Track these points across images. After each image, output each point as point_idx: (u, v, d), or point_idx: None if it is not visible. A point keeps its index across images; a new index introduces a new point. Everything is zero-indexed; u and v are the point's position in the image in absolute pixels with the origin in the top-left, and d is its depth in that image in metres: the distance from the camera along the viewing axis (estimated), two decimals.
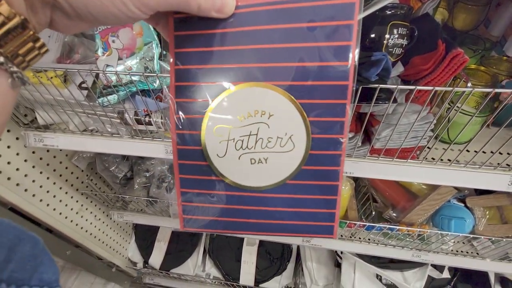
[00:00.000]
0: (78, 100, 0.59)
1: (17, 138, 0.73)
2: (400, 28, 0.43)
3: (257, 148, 0.27)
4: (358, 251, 0.95)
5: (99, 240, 1.10)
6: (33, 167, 0.80)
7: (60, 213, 0.91)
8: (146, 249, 1.30)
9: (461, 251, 0.90)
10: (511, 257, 0.80)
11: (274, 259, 1.24)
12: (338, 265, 1.15)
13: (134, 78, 0.52)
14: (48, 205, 0.86)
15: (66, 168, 0.92)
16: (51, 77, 0.58)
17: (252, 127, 0.26)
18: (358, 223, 0.80)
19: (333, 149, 0.27)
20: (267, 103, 0.26)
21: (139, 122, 0.61)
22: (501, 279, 0.98)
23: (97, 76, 0.54)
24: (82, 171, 0.99)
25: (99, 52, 0.52)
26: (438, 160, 0.54)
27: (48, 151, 0.84)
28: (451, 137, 0.56)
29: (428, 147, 0.59)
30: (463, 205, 0.78)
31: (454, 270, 1.02)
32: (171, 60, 0.26)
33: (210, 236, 1.25)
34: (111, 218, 1.11)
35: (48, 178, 0.85)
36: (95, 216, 1.08)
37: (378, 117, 0.54)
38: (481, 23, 0.75)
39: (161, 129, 0.61)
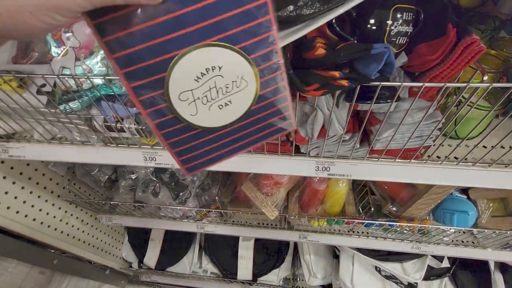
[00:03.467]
0: (37, 107, 0.51)
1: None
2: (405, 13, 0.36)
3: (220, 96, 0.31)
4: (356, 245, 0.92)
5: (88, 244, 1.06)
6: (4, 178, 0.73)
7: (42, 223, 0.85)
8: (140, 248, 1.27)
9: (462, 241, 0.87)
10: None
11: (271, 252, 1.21)
12: (336, 257, 1.13)
13: (96, 81, 0.45)
14: (26, 216, 0.80)
15: (43, 175, 0.85)
16: (3, 82, 0.50)
17: (209, 82, 0.30)
18: (357, 220, 0.76)
19: (275, 70, 0.31)
20: (213, 58, 0.29)
21: (110, 129, 0.54)
22: (501, 264, 0.96)
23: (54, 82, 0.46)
24: (62, 176, 0.92)
25: (53, 52, 0.45)
26: (444, 159, 0.49)
27: (18, 160, 0.77)
28: (459, 132, 0.51)
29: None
30: (465, 197, 0.74)
31: (453, 259, 1.00)
32: (103, 50, 0.27)
33: (204, 233, 1.22)
34: (99, 221, 1.07)
35: (23, 187, 0.79)
36: (82, 220, 1.03)
37: (378, 115, 0.47)
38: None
39: (136, 136, 0.55)
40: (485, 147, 0.52)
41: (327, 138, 0.47)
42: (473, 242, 0.87)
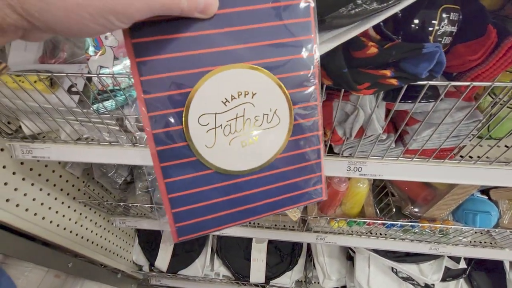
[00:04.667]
0: (68, 107, 0.51)
1: (1, 150, 0.65)
2: (452, 13, 0.37)
3: (246, 129, 0.27)
4: (374, 246, 0.92)
5: (101, 247, 1.05)
6: (23, 179, 0.72)
7: (58, 225, 0.84)
8: (151, 251, 1.25)
9: (480, 242, 0.88)
10: None
11: (284, 255, 1.21)
12: (350, 258, 1.13)
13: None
14: (43, 218, 0.79)
15: (60, 176, 0.84)
16: (34, 81, 0.50)
17: (237, 109, 0.26)
18: (379, 221, 0.76)
19: (311, 115, 0.29)
20: (249, 82, 0.26)
21: (141, 129, 0.54)
22: None
23: (89, 79, 0.46)
24: (78, 178, 0.91)
25: (90, 51, 0.44)
26: (478, 159, 0.49)
27: (38, 160, 0.76)
28: (492, 132, 0.51)
29: None
30: (486, 197, 0.75)
31: (468, 259, 1.01)
32: (129, 52, 0.24)
33: (217, 235, 1.21)
34: (112, 224, 1.05)
35: (41, 189, 0.77)
36: (96, 223, 1.01)
37: (414, 114, 0.48)
38: (509, 1, 0.68)
39: None
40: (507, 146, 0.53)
41: (364, 138, 0.47)
42: (490, 243, 0.88)
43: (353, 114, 0.43)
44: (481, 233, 0.87)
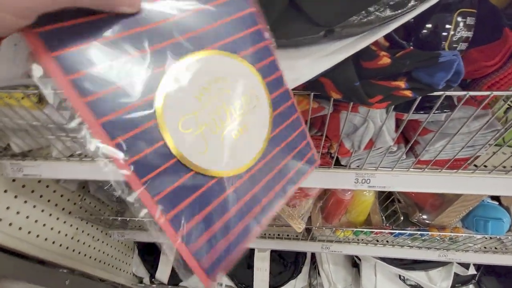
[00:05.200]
0: (59, 124, 0.48)
1: None
2: (468, 18, 0.34)
3: (232, 117, 0.24)
4: (381, 254, 0.89)
5: (99, 261, 1.01)
6: (15, 197, 0.69)
7: (53, 242, 0.81)
8: (151, 263, 1.22)
9: (490, 248, 0.85)
10: None
11: (288, 263, 1.18)
12: (355, 265, 1.10)
13: None
14: (38, 236, 0.76)
15: (55, 191, 0.81)
16: (22, 98, 0.47)
17: (215, 100, 0.23)
18: (386, 230, 0.73)
19: (281, 86, 0.27)
20: (214, 69, 0.23)
21: None
22: None
23: None
24: (73, 191, 0.88)
25: None
26: (494, 169, 0.47)
27: None
28: (507, 139, 0.49)
29: None
30: (497, 203, 0.72)
31: (478, 265, 0.98)
32: (52, 70, 0.18)
33: None
34: (110, 236, 1.02)
35: (34, 206, 0.74)
36: (93, 237, 0.98)
37: (426, 124, 0.45)
38: None
39: None
40: None
41: (373, 150, 0.44)
42: (501, 248, 0.85)
43: (362, 126, 0.40)
44: (491, 237, 0.85)
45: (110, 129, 0.19)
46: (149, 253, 1.23)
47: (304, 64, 0.29)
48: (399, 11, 0.28)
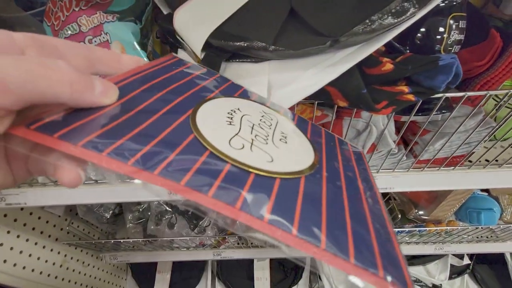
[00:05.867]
0: None
1: None
2: (460, 21, 0.35)
3: (267, 130, 0.24)
4: None
5: None
6: None
7: (41, 273, 0.75)
8: (146, 283, 1.17)
9: (481, 236, 0.88)
10: None
11: (288, 269, 1.17)
12: None
13: None
14: (24, 268, 0.70)
15: (39, 218, 0.76)
16: None
17: (244, 121, 0.24)
18: None
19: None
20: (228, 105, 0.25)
21: None
22: None
23: None
24: (59, 216, 0.83)
25: None
26: (488, 163, 0.48)
27: None
28: (498, 135, 0.51)
29: None
30: (486, 194, 0.75)
31: (471, 254, 1.01)
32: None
33: (217, 259, 1.15)
34: (101, 260, 0.97)
35: (18, 236, 0.69)
36: (83, 262, 0.92)
37: (423, 125, 0.46)
38: (489, 1, 0.70)
39: None
40: None
41: (375, 153, 0.45)
42: (491, 237, 0.89)
43: (365, 131, 0.40)
44: (482, 228, 0.88)
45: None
46: (144, 274, 1.18)
47: (312, 74, 0.29)
48: (400, 18, 0.28)
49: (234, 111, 0.24)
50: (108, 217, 0.84)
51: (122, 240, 0.76)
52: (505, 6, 0.66)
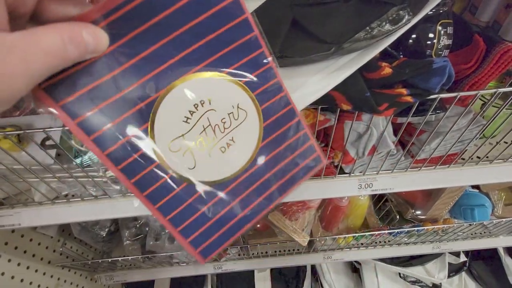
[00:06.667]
0: (46, 164, 0.43)
1: None
2: (448, 27, 0.38)
3: (218, 135, 0.26)
4: (381, 256, 0.91)
5: None
6: None
7: None
8: None
9: (474, 233, 0.91)
10: None
11: (289, 279, 1.15)
12: (355, 270, 1.11)
13: None
14: None
15: (31, 240, 0.72)
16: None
17: (202, 121, 0.25)
18: (386, 231, 0.75)
19: (276, 93, 0.27)
20: (200, 91, 0.25)
21: None
22: (508, 248, 1.02)
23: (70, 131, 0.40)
24: (52, 237, 0.80)
25: None
26: (480, 160, 0.51)
27: None
28: (487, 133, 0.54)
29: None
30: (477, 191, 0.78)
31: (466, 251, 1.04)
32: (61, 116, 0.21)
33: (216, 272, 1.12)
34: (96, 282, 0.93)
35: (9, 260, 0.65)
36: (77, 285, 0.88)
37: (419, 125, 0.48)
38: (466, 10, 0.75)
39: None
40: (506, 142, 0.55)
41: (375, 154, 0.46)
42: (485, 232, 0.92)
43: (366, 133, 0.42)
44: (475, 224, 0.91)
45: (113, 158, 0.23)
46: None
47: (317, 80, 0.30)
48: (397, 25, 0.30)
49: (202, 104, 0.25)
50: (104, 235, 0.81)
51: (120, 258, 0.74)
52: (480, 13, 0.71)
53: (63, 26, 0.17)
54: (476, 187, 0.80)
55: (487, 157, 0.53)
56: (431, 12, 0.37)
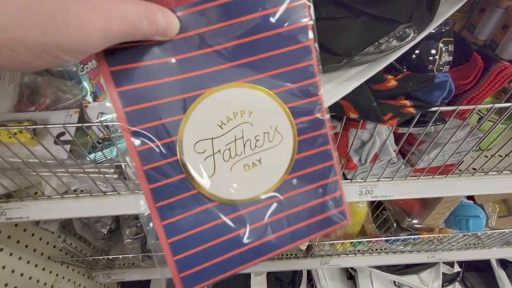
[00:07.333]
0: (60, 159, 0.45)
1: None
2: (449, 45, 0.40)
3: (247, 151, 0.25)
4: (377, 263, 0.93)
5: None
6: None
7: None
8: None
9: (470, 244, 0.93)
10: None
11: (285, 284, 1.16)
12: (350, 277, 1.12)
13: None
14: None
15: (33, 235, 0.73)
16: (15, 133, 0.44)
17: (235, 131, 0.24)
18: (383, 238, 0.77)
19: (318, 128, 0.26)
20: (244, 101, 0.24)
21: None
22: (501, 260, 1.04)
23: (87, 127, 0.41)
24: (53, 233, 0.80)
25: (89, 97, 0.40)
26: (476, 171, 0.53)
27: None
28: (483, 146, 0.56)
29: None
30: (472, 202, 0.80)
31: (460, 262, 1.06)
32: (104, 79, 0.22)
33: None
34: (93, 280, 0.93)
35: (11, 254, 0.66)
36: (74, 282, 0.88)
37: (418, 136, 0.50)
38: (464, 28, 0.78)
39: None
40: (500, 156, 0.58)
41: (377, 162, 0.48)
42: (478, 243, 0.94)
43: (369, 141, 0.44)
44: (469, 235, 0.93)
45: (137, 136, 0.23)
46: None
47: (328, 89, 0.32)
48: (403, 42, 0.33)
49: (242, 114, 0.24)
50: (105, 233, 0.82)
51: (121, 256, 0.74)
52: (479, 32, 0.75)
53: (143, 3, 0.19)
54: (471, 198, 0.82)
55: (482, 169, 0.55)
56: (434, 31, 0.40)
